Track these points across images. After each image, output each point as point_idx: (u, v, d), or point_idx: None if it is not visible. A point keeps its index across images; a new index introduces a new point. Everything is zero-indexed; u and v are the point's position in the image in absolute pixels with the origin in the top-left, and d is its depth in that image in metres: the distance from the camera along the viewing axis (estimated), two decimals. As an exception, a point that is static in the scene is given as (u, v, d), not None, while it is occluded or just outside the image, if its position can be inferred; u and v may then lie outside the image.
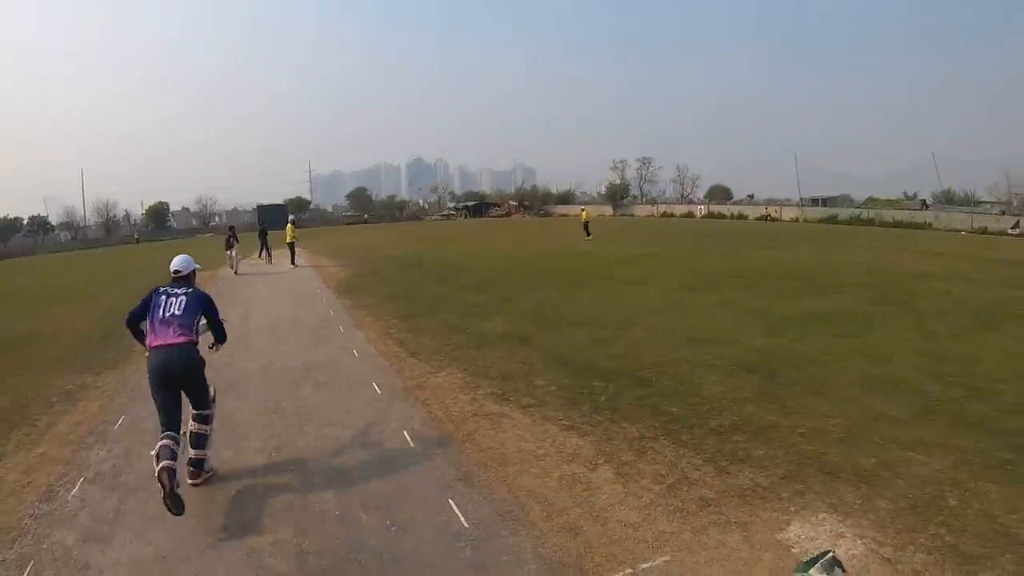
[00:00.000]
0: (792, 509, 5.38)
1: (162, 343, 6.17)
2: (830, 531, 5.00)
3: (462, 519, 5.43)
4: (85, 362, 11.62)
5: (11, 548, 5.21)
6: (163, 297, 6.45)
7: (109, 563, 4.97)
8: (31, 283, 30.77)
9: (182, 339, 6.22)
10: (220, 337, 7.13)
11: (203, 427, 6.51)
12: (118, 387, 9.98)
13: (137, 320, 6.56)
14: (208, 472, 6.52)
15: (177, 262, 6.94)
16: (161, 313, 6.31)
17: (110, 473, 6.70)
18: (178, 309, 6.37)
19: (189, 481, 6.31)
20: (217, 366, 10.62)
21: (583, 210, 46.56)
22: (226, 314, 10.11)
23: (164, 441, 5.79)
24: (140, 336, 6.58)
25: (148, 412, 8.32)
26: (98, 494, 6.22)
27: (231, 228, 31.22)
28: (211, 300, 6.85)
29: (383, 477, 6.34)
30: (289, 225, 30.96)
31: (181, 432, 6.15)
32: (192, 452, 6.42)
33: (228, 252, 28.53)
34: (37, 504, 6.01)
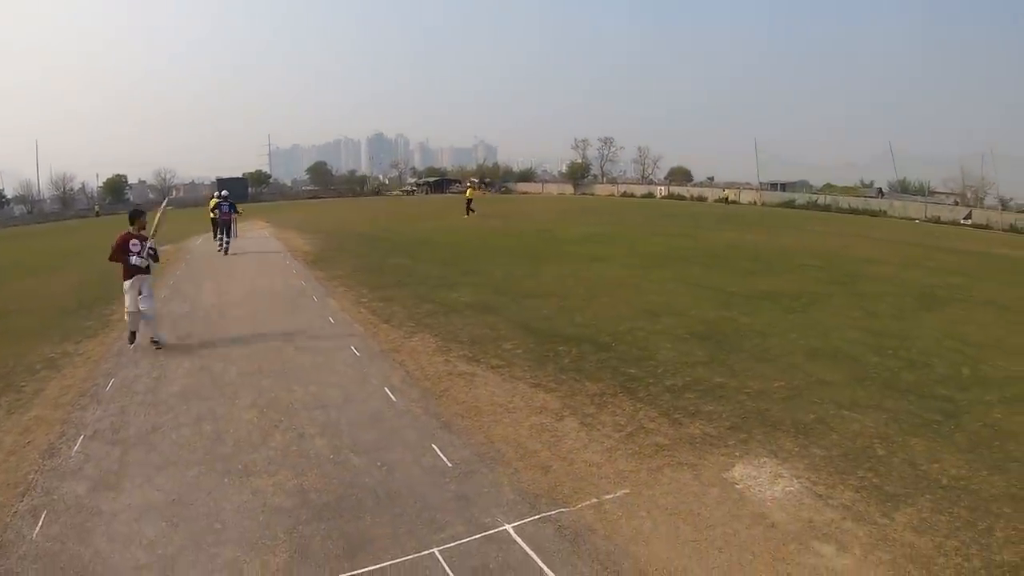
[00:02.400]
0: (737, 454, 6.11)
1: (224, 217, 24.04)
2: (770, 472, 5.74)
3: (445, 459, 6.06)
4: (63, 332, 11.68)
5: (22, 500, 5.50)
6: (223, 203, 24.21)
7: (121, 508, 5.35)
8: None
9: (230, 216, 24.30)
10: (236, 212, 25.09)
11: (230, 240, 23.83)
12: (102, 354, 10.15)
13: (215, 208, 24.64)
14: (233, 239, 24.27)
15: (225, 194, 25.27)
16: (222, 209, 24.07)
17: (109, 430, 7.04)
18: (227, 209, 24.12)
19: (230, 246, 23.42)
20: (200, 332, 11.11)
21: (469, 186, 46.21)
22: (199, 286, 10.59)
23: (224, 244, 23.59)
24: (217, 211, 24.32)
25: (136, 376, 8.89)
26: (101, 449, 6.54)
27: (135, 213, 10.89)
28: (234, 204, 25.21)
29: (369, 426, 6.91)
30: (214, 199, 29.68)
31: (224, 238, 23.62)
32: (227, 240, 23.75)
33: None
34: (40, 461, 6.29)
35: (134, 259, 10.23)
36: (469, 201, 38.96)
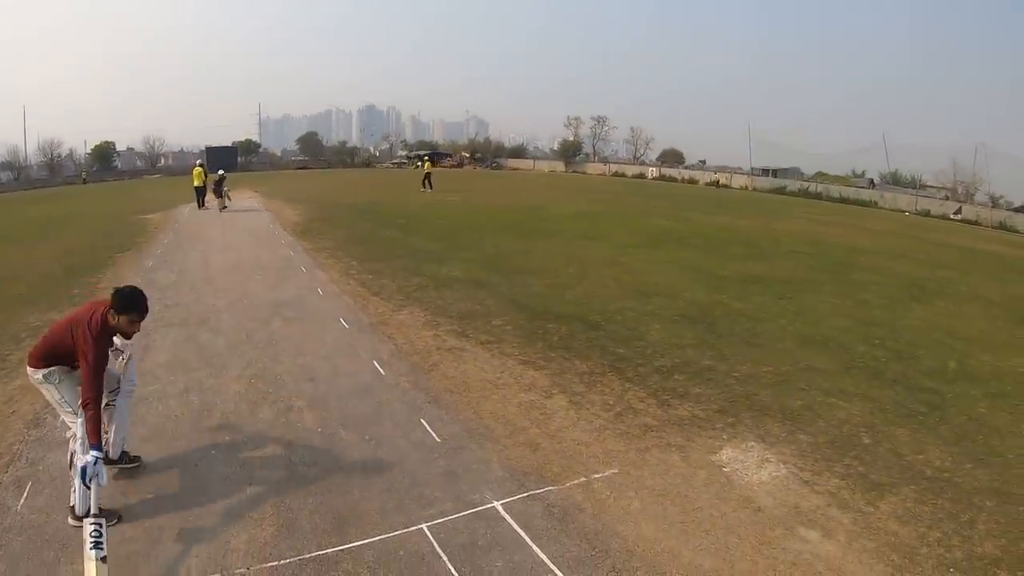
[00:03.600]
0: (724, 437, 6.16)
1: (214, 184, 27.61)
2: (757, 456, 5.79)
3: (433, 435, 6.07)
4: (49, 300, 11.43)
5: (6, 471, 5.43)
6: (215, 175, 28.07)
7: (107, 477, 5.23)
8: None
9: (221, 191, 27.66)
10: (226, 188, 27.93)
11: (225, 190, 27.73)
12: (88, 323, 9.97)
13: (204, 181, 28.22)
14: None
15: (221, 172, 29.36)
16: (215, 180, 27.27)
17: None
18: (218, 181, 27.99)
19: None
20: (187, 302, 11.01)
21: (426, 160, 46.46)
22: (187, 255, 10.41)
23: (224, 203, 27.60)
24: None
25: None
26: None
27: (131, 300, 5.26)
28: (225, 176, 29.21)
29: (358, 400, 6.91)
30: (197, 169, 29.56)
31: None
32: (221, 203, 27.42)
33: None
34: (25, 431, 6.22)
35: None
36: (427, 175, 38.48)
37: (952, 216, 42.62)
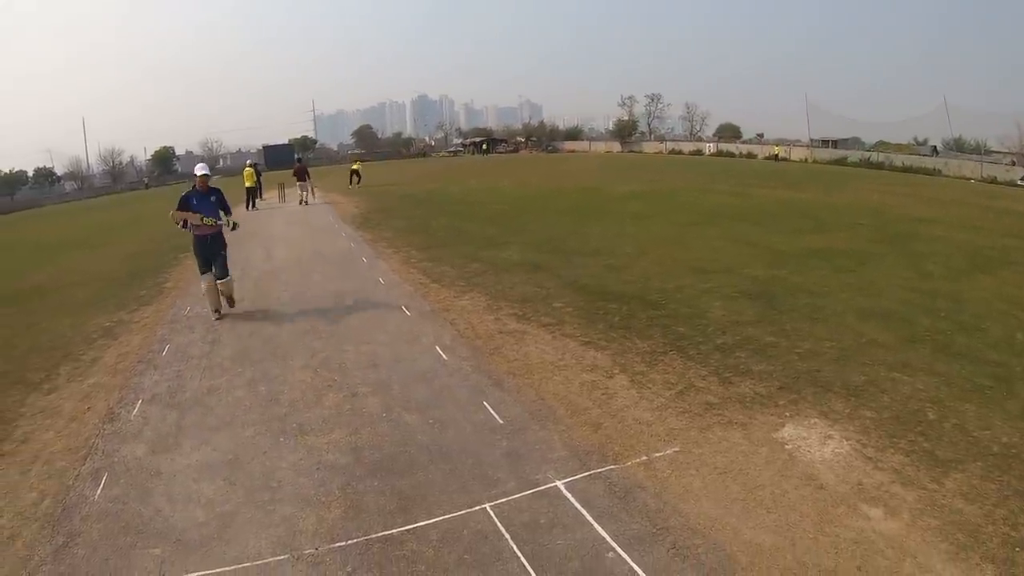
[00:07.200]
0: (787, 414, 6.07)
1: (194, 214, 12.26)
2: (820, 433, 5.69)
3: (496, 417, 6.16)
4: (117, 301, 11.95)
5: (84, 464, 5.74)
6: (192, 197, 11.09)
7: (180, 468, 5.57)
8: (45, 233, 30.69)
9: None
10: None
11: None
12: (156, 321, 10.40)
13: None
14: None
15: (203, 170, 10.97)
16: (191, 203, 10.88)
17: (166, 394, 7.26)
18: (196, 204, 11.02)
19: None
20: (252, 296, 11.34)
21: (354, 158, 46.16)
22: (251, 250, 10.70)
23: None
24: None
25: (191, 341, 9.13)
26: (158, 412, 6.76)
27: None
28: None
29: (421, 384, 7.04)
30: (248, 169, 29.72)
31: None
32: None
33: None
34: (101, 425, 6.52)
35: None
36: (355, 171, 38.52)
37: (1019, 182, 41.03)
